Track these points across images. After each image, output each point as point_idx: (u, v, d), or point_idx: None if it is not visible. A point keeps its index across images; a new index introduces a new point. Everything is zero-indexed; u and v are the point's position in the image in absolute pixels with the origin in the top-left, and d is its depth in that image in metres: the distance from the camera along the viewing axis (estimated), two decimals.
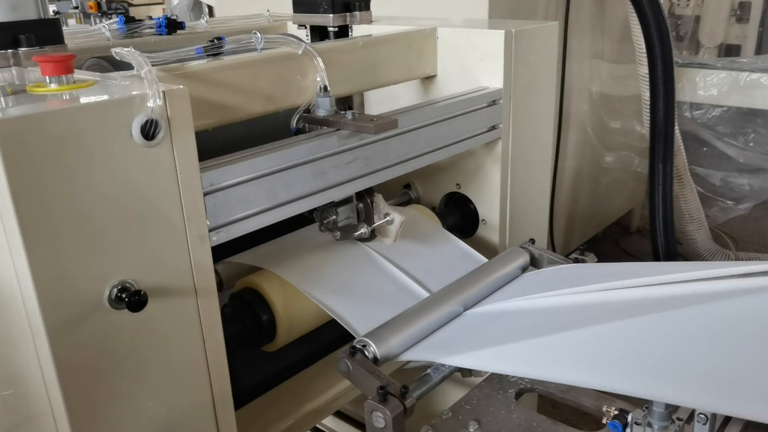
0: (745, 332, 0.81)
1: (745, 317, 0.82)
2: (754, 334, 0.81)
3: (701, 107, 3.01)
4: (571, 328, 0.94)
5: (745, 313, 0.82)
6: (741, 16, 3.28)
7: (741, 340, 0.81)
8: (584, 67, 2.44)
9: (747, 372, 0.79)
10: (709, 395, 0.80)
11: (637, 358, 0.87)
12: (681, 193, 2.60)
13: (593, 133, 2.65)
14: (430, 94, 1.41)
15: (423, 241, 1.26)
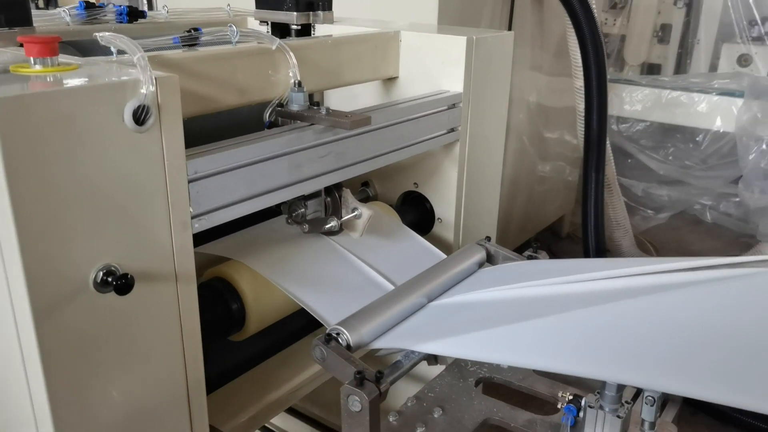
0: (691, 320, 0.90)
1: (692, 306, 0.90)
2: (699, 321, 0.89)
3: (627, 121, 3.20)
4: (531, 317, 1.00)
5: (691, 302, 0.91)
6: (662, 38, 3.51)
7: (688, 327, 0.89)
8: (524, 78, 2.56)
9: (695, 355, 0.87)
10: (661, 377, 0.88)
11: (594, 344, 0.94)
12: (610, 202, 2.76)
13: (529, 143, 2.77)
14: (391, 95, 1.45)
15: (385, 237, 1.30)
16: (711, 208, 3.36)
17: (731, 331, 0.87)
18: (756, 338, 0.86)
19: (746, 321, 0.86)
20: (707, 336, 0.88)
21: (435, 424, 1.05)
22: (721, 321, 0.87)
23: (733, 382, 0.88)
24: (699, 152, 3.24)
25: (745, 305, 0.86)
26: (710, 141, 3.19)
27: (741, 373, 0.88)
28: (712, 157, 3.21)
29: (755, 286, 0.85)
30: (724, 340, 0.87)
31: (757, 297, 0.85)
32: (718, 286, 0.88)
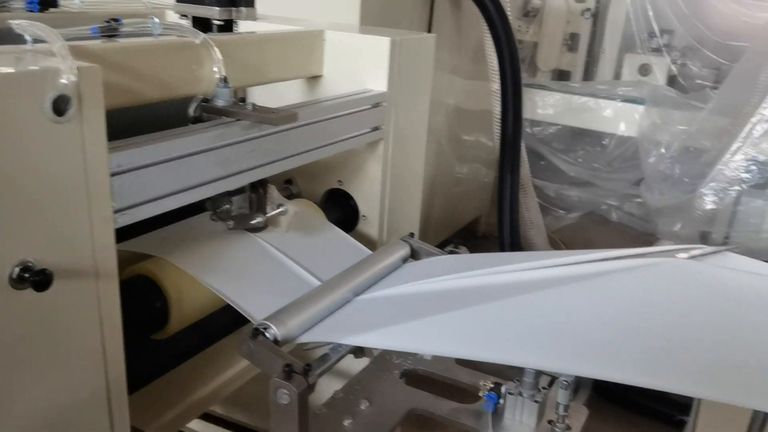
0: (601, 307, 0.96)
1: (601, 294, 0.97)
2: (607, 307, 0.95)
3: (539, 125, 3.34)
4: (453, 308, 1.04)
5: (601, 290, 0.97)
6: (571, 46, 3.68)
7: (598, 314, 0.96)
8: (443, 81, 2.62)
9: (605, 340, 0.93)
10: (575, 361, 0.94)
11: (513, 333, 0.98)
12: (524, 202, 2.87)
13: (447, 145, 2.84)
14: (316, 93, 1.46)
15: (311, 233, 1.30)
16: (616, 208, 3.55)
17: (637, 316, 0.93)
18: (659, 322, 0.93)
19: (650, 306, 0.92)
20: (616, 321, 0.94)
21: (362, 416, 1.07)
22: (628, 307, 0.93)
23: (640, 364, 0.95)
24: (605, 155, 3.42)
25: (649, 292, 0.92)
26: (615, 145, 3.38)
27: (647, 355, 0.95)
28: (617, 160, 3.40)
29: (658, 275, 0.92)
30: (631, 325, 0.94)
31: (660, 284, 0.92)
32: (624, 276, 0.95)
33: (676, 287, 0.91)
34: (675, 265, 0.91)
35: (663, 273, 0.92)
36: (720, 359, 0.92)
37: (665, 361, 0.94)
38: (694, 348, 0.92)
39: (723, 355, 0.91)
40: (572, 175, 3.43)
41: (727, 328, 0.89)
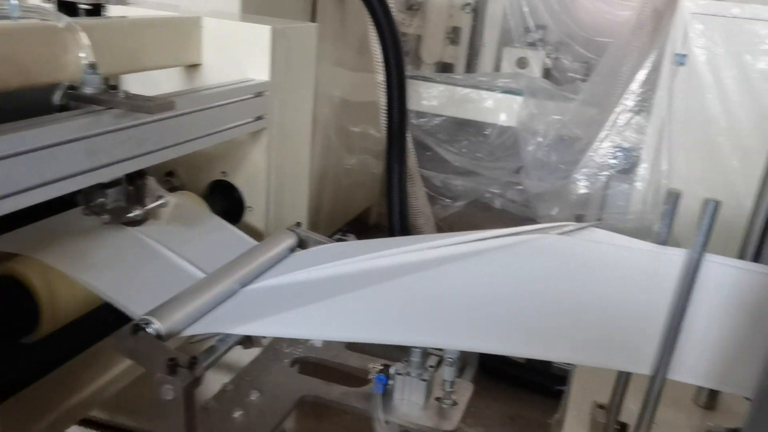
0: (480, 283, 1.00)
1: (482, 271, 1.01)
2: (487, 284, 1.00)
3: (425, 116, 3.42)
4: (341, 293, 1.05)
5: (481, 268, 1.01)
6: (454, 39, 3.80)
7: (478, 290, 1.00)
8: (328, 73, 2.62)
9: (486, 315, 0.98)
10: (459, 337, 0.98)
11: (399, 313, 1.01)
12: (412, 191, 2.93)
13: (335, 137, 2.85)
14: (195, 83, 1.42)
15: (194, 226, 1.27)
16: (499, 195, 3.70)
17: (513, 290, 0.98)
18: (533, 294, 0.99)
19: (525, 280, 0.98)
20: (493, 297, 0.99)
21: (252, 407, 1.06)
22: (504, 282, 0.98)
23: (517, 335, 1.01)
24: (488, 145, 3.57)
25: (524, 267, 0.98)
26: (497, 135, 3.52)
27: (524, 327, 1.00)
28: (499, 150, 3.55)
29: (531, 251, 0.98)
30: (507, 299, 0.99)
31: (533, 259, 0.97)
32: (501, 253, 1.00)
33: (548, 261, 0.97)
34: (547, 241, 0.97)
35: (536, 249, 0.97)
36: (588, 326, 0.99)
37: (540, 331, 1.01)
38: (564, 316, 0.98)
39: (590, 321, 0.99)
40: (457, 164, 3.55)
41: (591, 296, 0.96)
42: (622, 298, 0.97)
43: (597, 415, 1.13)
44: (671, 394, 1.24)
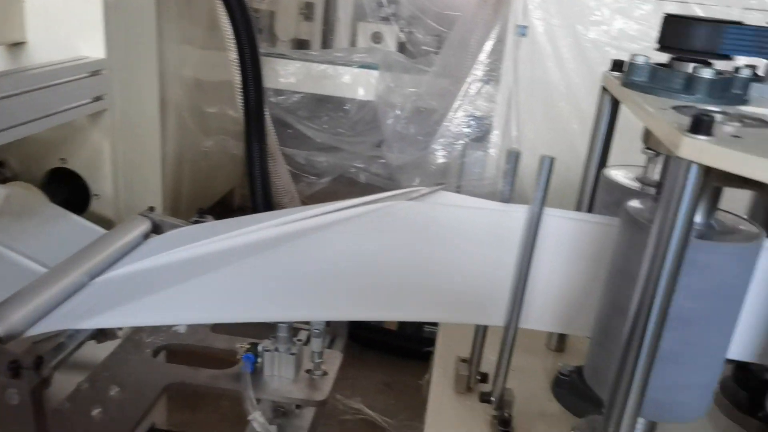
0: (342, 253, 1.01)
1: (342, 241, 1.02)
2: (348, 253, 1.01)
3: (283, 93, 3.37)
4: (199, 274, 1.02)
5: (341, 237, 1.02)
6: (308, 15, 3.76)
7: (340, 260, 1.01)
8: (176, 51, 2.50)
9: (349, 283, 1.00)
10: (322, 307, 0.99)
11: (260, 290, 1.00)
12: (274, 170, 2.89)
13: (190, 118, 2.74)
14: (20, 63, 1.30)
15: (30, 218, 1.17)
16: (363, 170, 3.74)
17: (372, 257, 1.01)
18: (392, 260, 1.01)
19: (382, 246, 1.00)
20: (354, 265, 1.00)
21: (112, 403, 1.01)
22: (362, 250, 1.00)
23: (381, 301, 1.03)
24: (348, 120, 3.58)
25: (379, 234, 1.00)
26: (356, 109, 3.55)
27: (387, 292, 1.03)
28: (359, 124, 3.58)
29: (386, 217, 1.00)
30: (369, 266, 1.01)
31: (389, 225, 1.00)
32: (356, 222, 1.01)
33: (402, 226, 1.00)
34: (399, 207, 1.00)
35: (389, 215, 1.00)
36: (444, 285, 1.04)
37: (400, 294, 1.04)
38: (422, 278, 1.02)
39: (446, 281, 1.03)
40: (319, 141, 3.54)
41: (445, 257, 1.01)
42: (473, 256, 1.03)
43: (460, 368, 1.19)
44: (526, 342, 1.33)
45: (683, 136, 0.69)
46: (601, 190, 1.18)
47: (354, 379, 2.38)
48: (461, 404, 1.16)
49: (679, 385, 0.89)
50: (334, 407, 2.19)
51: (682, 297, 0.79)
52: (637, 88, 0.98)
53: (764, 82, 1.04)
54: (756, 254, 0.87)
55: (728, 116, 0.86)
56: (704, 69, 0.92)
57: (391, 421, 2.18)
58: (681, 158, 0.70)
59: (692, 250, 0.76)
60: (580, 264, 1.04)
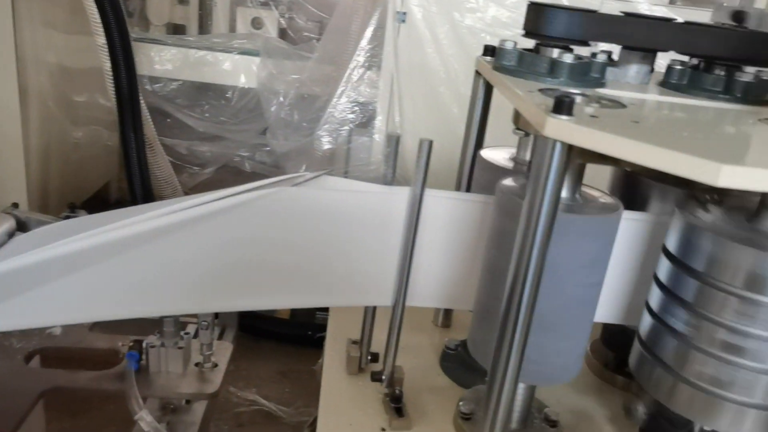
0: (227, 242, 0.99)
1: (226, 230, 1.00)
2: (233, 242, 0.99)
3: (159, 81, 3.23)
4: (73, 271, 0.96)
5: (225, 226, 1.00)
6: None
7: (225, 249, 0.99)
8: (38, 37, 2.32)
9: (234, 273, 0.98)
10: (208, 299, 0.97)
11: (141, 284, 0.96)
12: (154, 161, 2.78)
13: (57, 108, 2.56)
14: None
15: None
16: (248, 158, 3.67)
17: (258, 245, 1.00)
18: (279, 247, 1.01)
19: (268, 234, 1.00)
20: (242, 254, 0.99)
21: None
22: (248, 238, 0.99)
23: (270, 289, 1.03)
24: (230, 108, 3.49)
25: (265, 221, 0.99)
26: (238, 97, 3.47)
27: (275, 280, 1.03)
28: (242, 112, 3.51)
29: (270, 203, 0.99)
30: (255, 255, 1.00)
31: (273, 212, 0.99)
32: (241, 210, 0.99)
33: (287, 213, 0.99)
34: (284, 194, 0.99)
35: (273, 202, 0.99)
36: (332, 270, 1.05)
37: (288, 281, 1.04)
38: (309, 264, 1.03)
39: (333, 265, 1.04)
40: (201, 130, 3.43)
41: (331, 241, 1.02)
42: (359, 240, 1.04)
43: (351, 350, 1.21)
44: (414, 320, 1.37)
45: (548, 117, 0.73)
46: (478, 170, 1.23)
47: (247, 371, 2.35)
48: (353, 385, 1.18)
49: (553, 350, 0.96)
50: (227, 400, 2.16)
51: (552, 267, 0.85)
52: (507, 71, 1.03)
53: (619, 66, 1.12)
54: (616, 225, 0.95)
55: (588, 98, 0.93)
56: (566, 54, 0.98)
57: (287, 410, 2.17)
58: (547, 137, 0.75)
59: (559, 223, 0.81)
60: (460, 241, 1.09)
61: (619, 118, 0.82)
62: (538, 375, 0.99)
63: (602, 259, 0.95)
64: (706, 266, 0.87)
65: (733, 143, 0.82)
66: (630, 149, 0.68)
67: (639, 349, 1.00)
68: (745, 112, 1.00)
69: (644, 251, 1.05)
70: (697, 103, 1.04)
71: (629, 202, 1.13)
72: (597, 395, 1.26)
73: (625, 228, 1.01)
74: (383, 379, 1.14)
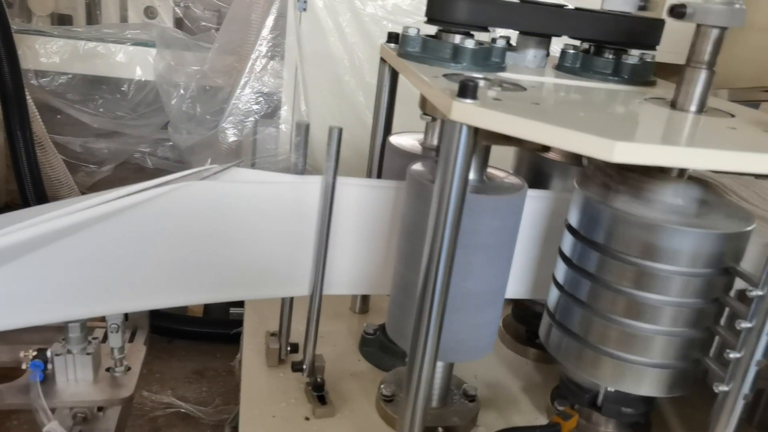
0: (134, 240, 0.96)
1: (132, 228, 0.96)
2: (141, 240, 0.96)
3: (47, 75, 3.05)
4: None
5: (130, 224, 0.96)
6: None
7: (132, 248, 0.96)
8: None
9: (142, 271, 0.95)
10: (115, 300, 0.93)
11: (41, 290, 0.91)
12: (46, 161, 2.62)
13: None
14: None
15: None
16: (150, 154, 3.54)
17: (170, 241, 0.97)
18: (191, 242, 0.98)
19: (179, 229, 0.97)
20: (151, 251, 0.96)
21: None
22: (158, 234, 0.96)
23: (183, 286, 1.00)
24: (127, 102, 3.35)
25: (176, 216, 0.96)
26: (135, 90, 3.33)
27: (187, 276, 1.00)
28: (141, 106, 3.37)
29: (180, 198, 0.96)
30: (167, 251, 0.97)
31: (184, 206, 0.96)
32: (150, 205, 0.96)
33: (198, 207, 0.97)
34: (194, 188, 0.96)
35: (183, 197, 0.96)
36: (246, 262, 1.03)
37: (202, 277, 1.01)
38: (224, 258, 1.01)
39: (248, 258, 1.03)
40: (96, 126, 3.27)
41: (245, 234, 1.00)
42: (273, 230, 1.03)
43: (270, 342, 1.20)
44: (332, 308, 1.38)
45: (453, 101, 0.75)
46: (388, 156, 1.25)
47: (162, 373, 2.28)
48: (274, 377, 1.18)
49: (468, 327, 0.99)
50: (142, 404, 2.09)
51: (464, 247, 0.88)
52: (412, 58, 1.05)
53: (517, 51, 1.17)
54: (521, 204, 0.99)
55: (490, 82, 0.96)
56: (467, 40, 1.01)
57: (205, 409, 2.13)
58: (453, 121, 0.77)
59: (469, 204, 0.84)
60: (374, 227, 1.10)
61: (520, 100, 0.85)
62: (455, 352, 1.02)
63: (510, 237, 0.99)
64: (605, 238, 0.93)
65: (624, 122, 0.87)
66: (532, 130, 0.71)
67: (548, 321, 1.06)
68: (632, 92, 1.07)
69: (549, 227, 1.10)
70: (590, 84, 1.10)
71: (533, 182, 1.18)
72: (511, 368, 1.32)
73: (530, 206, 1.06)
74: (304, 369, 1.14)
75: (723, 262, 0.90)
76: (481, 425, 1.12)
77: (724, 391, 0.88)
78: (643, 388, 0.96)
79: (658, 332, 0.92)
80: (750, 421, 1.15)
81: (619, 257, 0.92)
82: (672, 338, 0.92)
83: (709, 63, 0.88)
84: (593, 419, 1.10)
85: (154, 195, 0.94)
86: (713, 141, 0.77)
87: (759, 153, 0.72)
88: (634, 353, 0.94)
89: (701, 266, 0.89)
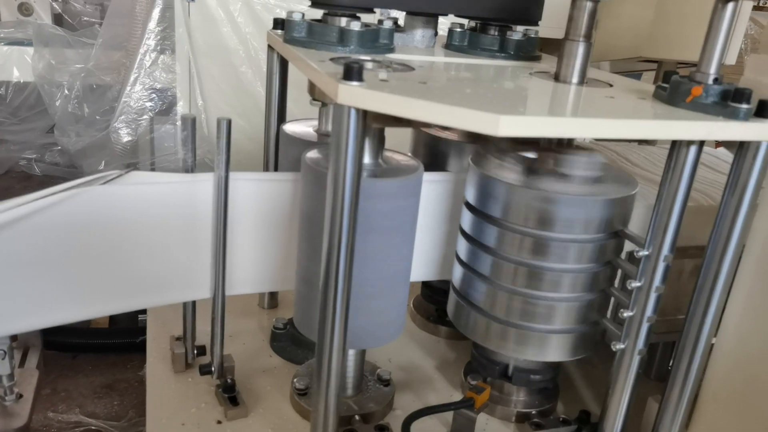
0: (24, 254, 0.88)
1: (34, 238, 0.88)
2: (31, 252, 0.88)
3: None
4: None
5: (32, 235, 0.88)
6: None
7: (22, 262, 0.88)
8: None
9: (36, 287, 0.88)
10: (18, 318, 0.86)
11: None
12: None
13: None
14: None
15: None
16: (37, 160, 3.33)
17: (68, 250, 0.90)
18: (89, 251, 0.92)
19: (78, 237, 0.90)
20: (45, 264, 0.89)
21: None
22: (56, 244, 0.89)
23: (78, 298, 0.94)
24: (6, 106, 3.13)
25: (75, 224, 0.90)
26: (14, 93, 3.11)
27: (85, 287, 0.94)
28: (21, 110, 3.16)
29: (79, 205, 0.89)
30: (62, 264, 0.90)
31: (83, 213, 0.90)
32: (48, 214, 0.89)
33: (97, 213, 0.90)
34: (92, 194, 0.90)
35: (82, 203, 0.89)
36: (145, 269, 0.98)
37: (99, 287, 0.95)
38: (122, 265, 0.95)
39: (146, 264, 0.97)
40: None
41: (142, 239, 0.95)
42: (170, 233, 0.98)
43: (175, 347, 1.15)
44: (240, 305, 1.34)
45: (339, 84, 0.73)
46: (283, 145, 1.22)
47: (68, 391, 2.16)
48: (182, 382, 1.13)
49: (375, 312, 0.99)
50: (48, 427, 1.96)
51: (364, 233, 0.87)
52: (298, 43, 1.02)
53: (405, 32, 1.16)
54: (418, 185, 0.99)
55: (379, 63, 0.95)
56: (353, 22, 0.99)
57: (118, 423, 2.03)
58: (341, 105, 0.75)
59: (365, 188, 0.83)
60: (274, 222, 1.07)
61: (408, 80, 0.85)
62: (364, 339, 1.01)
63: (410, 219, 0.99)
64: (501, 212, 0.94)
65: (511, 96, 0.89)
66: (418, 109, 0.70)
67: (455, 298, 1.07)
68: (519, 67, 1.09)
69: (452, 209, 1.11)
70: (479, 62, 1.11)
71: (432, 163, 1.18)
72: (424, 348, 1.33)
73: (432, 189, 1.06)
74: (213, 371, 1.10)
75: (613, 226, 0.93)
76: (397, 408, 1.13)
77: (621, 349, 0.92)
78: (549, 354, 0.99)
79: (558, 299, 0.95)
80: (648, 374, 1.22)
81: (515, 230, 0.94)
82: (572, 304, 0.96)
83: (586, 35, 0.90)
84: (505, 390, 1.12)
85: (51, 203, 0.88)
86: (592, 110, 0.80)
87: (635, 119, 0.74)
88: (537, 322, 0.96)
89: (594, 232, 0.92)
